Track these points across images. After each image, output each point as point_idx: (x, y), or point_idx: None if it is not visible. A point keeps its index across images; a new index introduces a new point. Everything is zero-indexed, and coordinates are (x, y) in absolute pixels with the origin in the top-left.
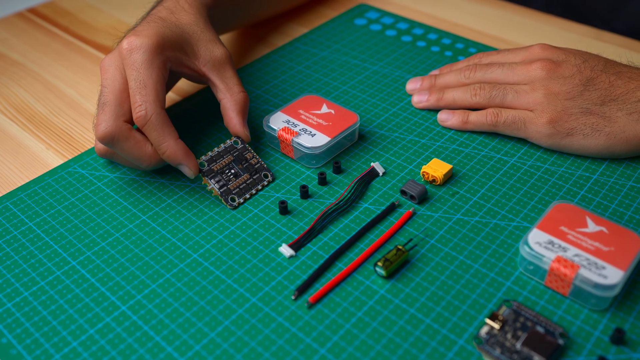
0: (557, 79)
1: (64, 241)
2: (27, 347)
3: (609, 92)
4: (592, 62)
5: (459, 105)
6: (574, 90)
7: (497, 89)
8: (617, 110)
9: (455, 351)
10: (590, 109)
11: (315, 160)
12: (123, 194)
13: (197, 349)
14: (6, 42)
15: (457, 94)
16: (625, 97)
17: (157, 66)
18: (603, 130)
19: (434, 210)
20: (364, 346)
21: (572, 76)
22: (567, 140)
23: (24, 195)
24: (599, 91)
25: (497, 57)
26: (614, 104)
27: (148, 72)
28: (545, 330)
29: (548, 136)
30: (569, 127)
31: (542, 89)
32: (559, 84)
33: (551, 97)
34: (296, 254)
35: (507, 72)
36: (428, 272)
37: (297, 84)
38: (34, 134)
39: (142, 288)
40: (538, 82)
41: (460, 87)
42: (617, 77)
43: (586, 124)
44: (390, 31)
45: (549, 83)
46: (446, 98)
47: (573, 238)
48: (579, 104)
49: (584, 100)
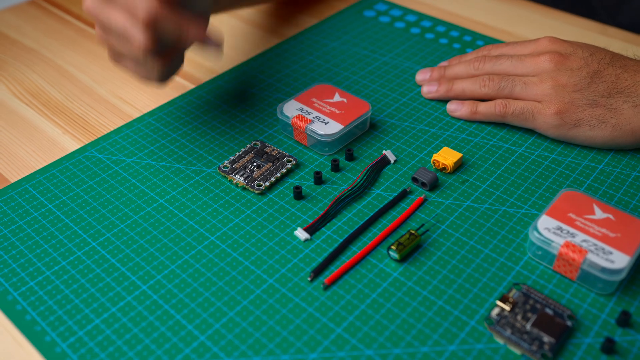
0: (565, 71)
1: (83, 223)
2: (51, 324)
3: (616, 85)
4: (599, 55)
5: (468, 96)
6: (581, 82)
7: (505, 80)
8: (623, 103)
9: (467, 331)
10: (597, 101)
11: (328, 148)
12: (140, 177)
13: (216, 327)
14: (19, 29)
15: (467, 85)
16: (631, 89)
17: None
18: (609, 122)
19: (444, 197)
20: (378, 326)
21: (579, 69)
22: (574, 131)
23: (42, 179)
24: (606, 83)
25: (506, 49)
26: (620, 96)
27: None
28: (554, 312)
29: (555, 127)
30: (576, 119)
31: (550, 81)
32: (566, 76)
33: (559, 89)
34: (311, 237)
35: (516, 63)
36: (440, 256)
37: (309, 74)
38: (49, 118)
39: (162, 269)
40: (546, 74)
41: (470, 78)
42: (623, 70)
43: (593, 115)
44: (399, 23)
45: (557, 75)
46: (455, 89)
47: (581, 224)
48: (586, 96)
49: (591, 93)
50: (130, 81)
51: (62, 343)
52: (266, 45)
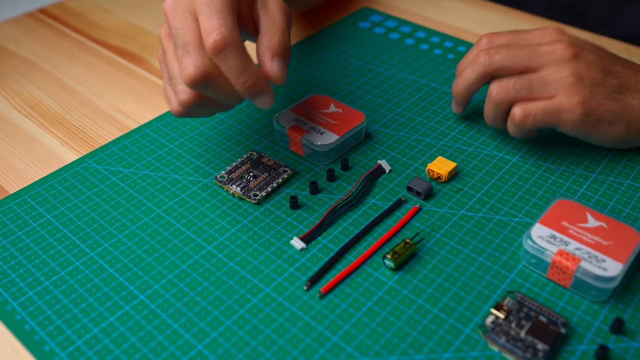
0: (582, 63)
1: (81, 233)
2: (49, 333)
3: (625, 81)
4: (606, 53)
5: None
6: (597, 76)
7: (521, 82)
8: (632, 99)
9: (462, 339)
10: (613, 96)
11: (324, 158)
12: (138, 188)
13: (214, 336)
14: (18, 41)
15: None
16: (636, 86)
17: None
18: (623, 118)
19: (439, 206)
20: (374, 334)
21: (594, 62)
22: (595, 128)
23: (41, 189)
24: (617, 79)
25: (512, 38)
26: (629, 92)
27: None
28: (548, 319)
29: (580, 123)
30: (598, 113)
31: (568, 71)
32: (584, 69)
33: (579, 81)
34: (307, 246)
35: (531, 53)
36: (435, 264)
37: (304, 84)
38: (48, 130)
39: (159, 278)
40: (563, 65)
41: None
42: (628, 67)
43: (611, 110)
44: (394, 34)
45: (575, 66)
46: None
47: (574, 233)
48: (602, 90)
49: (606, 88)
50: (129, 93)
51: (60, 352)
52: None
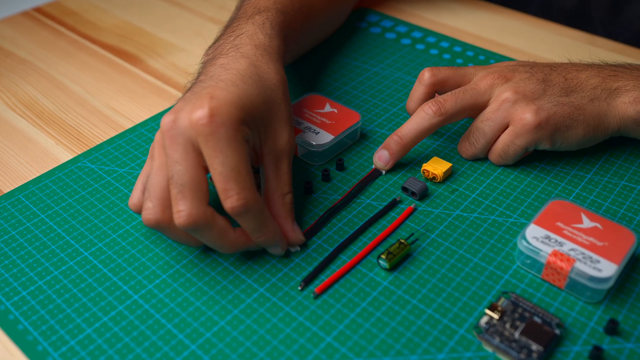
0: (517, 82)
1: (75, 233)
2: (42, 333)
3: (567, 85)
4: (539, 67)
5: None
6: (536, 88)
7: (473, 135)
8: (580, 99)
9: (456, 340)
10: (560, 102)
11: (319, 158)
12: (132, 188)
13: (207, 336)
14: (13, 41)
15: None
16: (582, 86)
17: (242, 143)
18: (579, 120)
19: (434, 207)
20: (368, 335)
21: (528, 78)
22: (556, 136)
23: (35, 189)
24: (558, 86)
25: (453, 73)
26: (575, 93)
27: (236, 153)
28: (542, 320)
29: (538, 136)
30: (553, 123)
31: (507, 93)
32: (522, 85)
33: (521, 98)
34: (300, 248)
35: (472, 93)
36: (429, 265)
37: (300, 84)
38: (43, 129)
39: (153, 278)
40: (502, 91)
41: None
42: (566, 72)
43: (564, 116)
44: (390, 34)
45: (512, 86)
46: None
47: (569, 233)
48: (548, 100)
49: (550, 96)
50: (124, 92)
51: (53, 352)
52: None
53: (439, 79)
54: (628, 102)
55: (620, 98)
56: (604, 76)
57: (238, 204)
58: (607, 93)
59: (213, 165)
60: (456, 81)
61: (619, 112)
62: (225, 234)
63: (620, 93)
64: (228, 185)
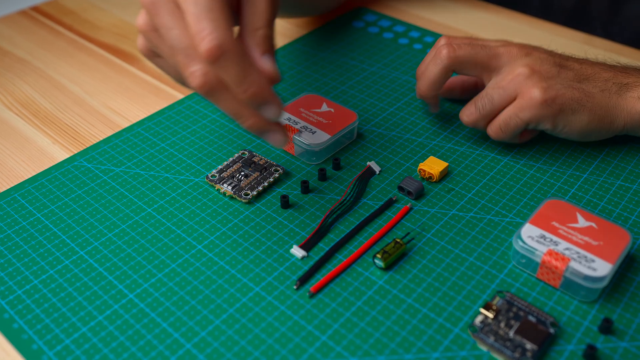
0: (535, 59)
1: (71, 232)
2: (38, 332)
3: (581, 73)
4: (557, 53)
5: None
6: (551, 69)
7: (481, 99)
8: (592, 87)
9: (451, 339)
10: (572, 85)
11: (316, 157)
12: (128, 187)
13: (202, 335)
14: (11, 40)
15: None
16: (595, 76)
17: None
18: (586, 105)
19: (430, 206)
20: (363, 334)
21: (546, 58)
22: (560, 117)
23: (31, 188)
24: (573, 71)
25: (471, 40)
26: (587, 82)
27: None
28: (537, 319)
29: (542, 113)
30: (560, 102)
31: (522, 66)
32: (537, 64)
33: (533, 73)
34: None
35: (490, 52)
36: (425, 264)
37: (297, 84)
38: (40, 128)
39: (149, 277)
40: (518, 61)
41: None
42: (582, 62)
43: (572, 98)
44: (387, 34)
45: (529, 60)
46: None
47: (564, 233)
48: (559, 81)
49: (563, 79)
50: (121, 92)
51: (48, 351)
52: None
53: (457, 42)
54: (637, 97)
55: (630, 93)
56: (616, 72)
57: (212, 44)
58: (617, 86)
59: (186, 8)
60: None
61: (627, 106)
62: (237, 85)
63: (630, 88)
64: (201, 25)
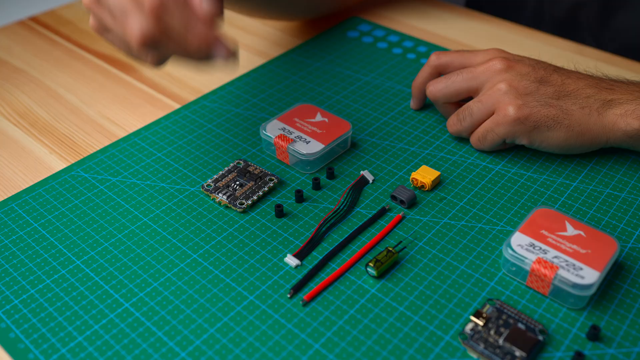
0: (515, 75)
1: (68, 241)
2: (34, 341)
3: (562, 89)
4: (544, 65)
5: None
6: (530, 86)
7: (462, 112)
8: (571, 104)
9: (442, 346)
10: (549, 102)
11: (310, 166)
12: (125, 196)
13: (197, 344)
14: (8, 50)
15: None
16: (576, 93)
17: None
18: (563, 123)
19: (422, 215)
20: (355, 341)
21: (527, 74)
22: (534, 134)
23: (28, 198)
24: (553, 87)
25: (457, 57)
26: (567, 98)
27: None
28: (526, 327)
29: (516, 130)
30: (534, 120)
31: (501, 82)
32: (516, 80)
33: (511, 89)
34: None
35: (468, 75)
36: (417, 272)
37: (292, 93)
38: (37, 138)
39: (144, 286)
40: (497, 77)
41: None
42: (567, 76)
43: (547, 116)
44: (382, 44)
45: (508, 76)
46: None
47: (553, 241)
48: (535, 98)
49: (541, 95)
50: (118, 101)
51: None
52: (251, 66)
53: (443, 62)
54: (619, 114)
55: (612, 110)
56: (600, 88)
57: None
58: (599, 103)
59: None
60: (460, 62)
61: (608, 123)
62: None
63: (613, 105)
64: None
